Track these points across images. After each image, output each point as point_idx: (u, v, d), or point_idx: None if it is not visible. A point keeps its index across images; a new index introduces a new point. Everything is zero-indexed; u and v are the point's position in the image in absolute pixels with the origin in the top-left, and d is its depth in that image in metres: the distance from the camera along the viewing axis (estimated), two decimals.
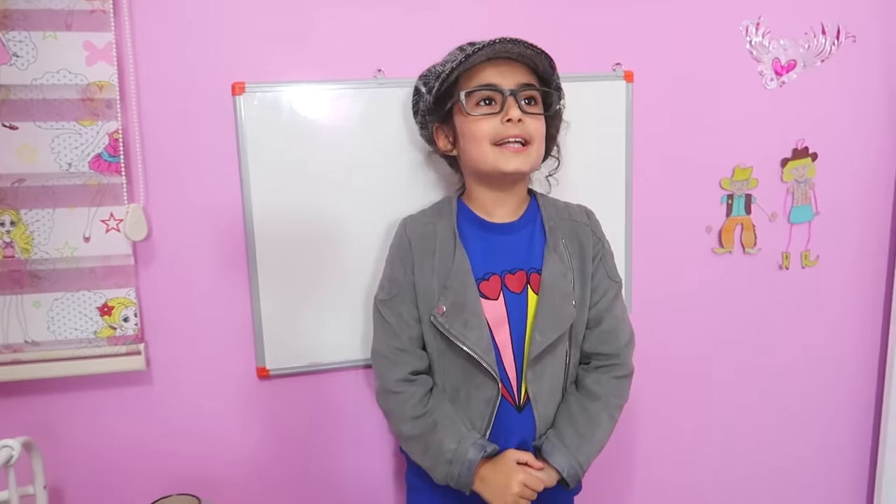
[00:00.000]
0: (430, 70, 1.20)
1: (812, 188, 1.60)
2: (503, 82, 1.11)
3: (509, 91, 1.10)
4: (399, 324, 1.17)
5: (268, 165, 1.30)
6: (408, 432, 1.15)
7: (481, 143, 1.11)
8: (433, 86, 1.16)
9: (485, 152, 1.11)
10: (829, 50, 1.57)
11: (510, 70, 1.12)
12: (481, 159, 1.12)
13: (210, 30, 1.27)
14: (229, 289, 1.34)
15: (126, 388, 1.32)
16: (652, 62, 1.46)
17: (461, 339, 1.11)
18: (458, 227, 1.17)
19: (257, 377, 1.37)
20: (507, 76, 1.11)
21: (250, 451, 1.40)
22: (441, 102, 1.16)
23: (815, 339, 1.68)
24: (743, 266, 1.59)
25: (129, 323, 1.27)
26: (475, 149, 1.12)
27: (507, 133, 1.10)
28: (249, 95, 1.28)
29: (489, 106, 1.12)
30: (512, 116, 1.09)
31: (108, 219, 1.24)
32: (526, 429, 1.16)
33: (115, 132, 1.21)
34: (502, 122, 1.10)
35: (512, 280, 1.16)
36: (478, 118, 1.11)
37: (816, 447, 1.74)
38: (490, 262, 1.16)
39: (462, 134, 1.15)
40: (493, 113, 1.10)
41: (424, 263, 1.16)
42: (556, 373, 1.18)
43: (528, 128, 1.11)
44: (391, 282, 1.20)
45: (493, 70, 1.11)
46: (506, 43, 1.07)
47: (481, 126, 1.11)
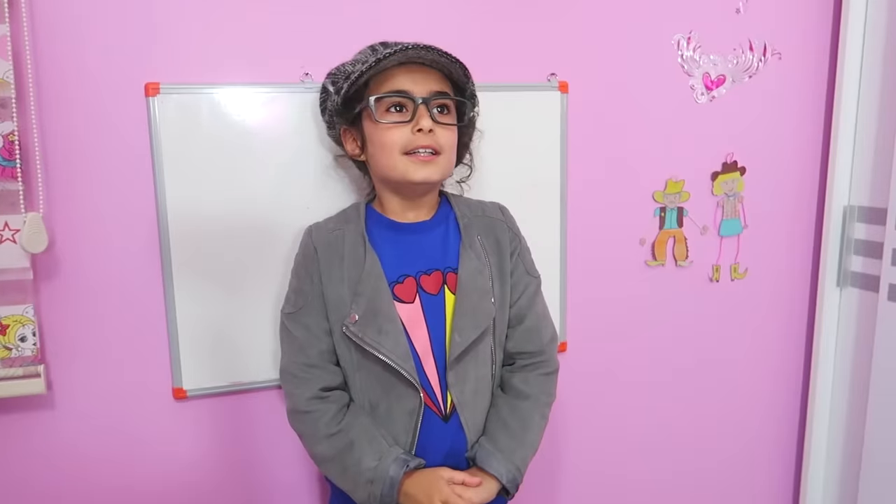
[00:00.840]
0: (339, 69, 1.14)
1: (741, 202, 1.63)
2: (415, 89, 1.06)
3: (421, 99, 1.06)
4: (307, 338, 1.11)
5: (186, 172, 1.21)
6: (322, 453, 1.08)
7: (391, 152, 1.07)
8: (341, 86, 1.10)
9: (394, 161, 1.07)
10: (756, 66, 1.60)
11: (423, 76, 1.07)
12: (390, 168, 1.08)
13: (121, 25, 1.17)
14: (141, 303, 1.24)
15: (24, 414, 1.20)
16: (587, 73, 1.46)
17: (376, 347, 1.05)
18: (368, 231, 1.12)
19: (173, 398, 1.27)
20: (419, 83, 1.07)
21: (166, 479, 1.30)
22: (349, 105, 1.11)
23: (743, 349, 1.72)
24: (675, 278, 1.60)
25: (27, 343, 1.16)
26: (384, 157, 1.08)
27: (418, 143, 1.06)
28: (165, 97, 1.19)
29: (399, 113, 1.07)
30: (423, 126, 1.05)
31: (2, 229, 1.12)
32: (454, 439, 1.11)
33: (9, 134, 1.10)
34: (413, 132, 1.05)
35: (428, 281, 1.11)
36: (387, 126, 1.06)
37: (742, 452, 1.78)
38: (403, 264, 1.11)
39: (371, 140, 1.10)
40: (403, 121, 1.06)
41: (332, 271, 1.10)
42: (482, 376, 1.13)
43: (438, 138, 1.07)
44: (297, 293, 1.13)
45: (406, 75, 1.06)
46: (419, 49, 1.02)
47: (391, 135, 1.06)
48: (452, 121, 1.12)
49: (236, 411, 1.32)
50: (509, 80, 1.39)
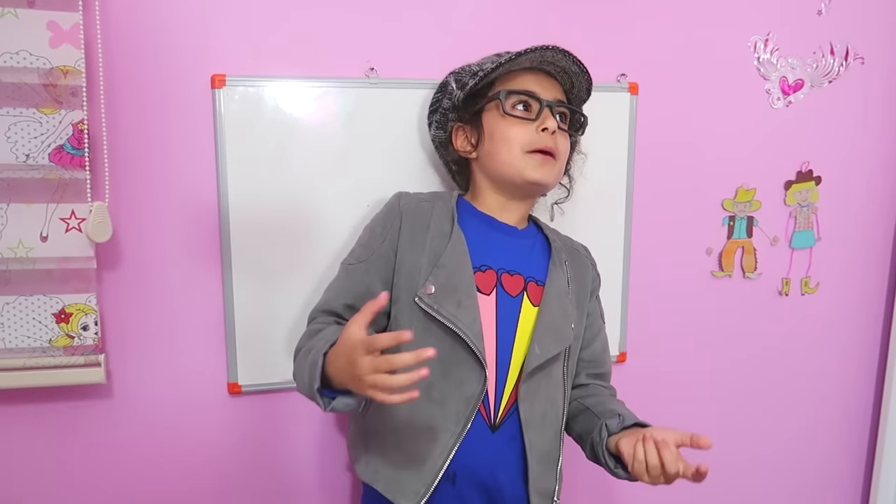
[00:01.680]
0: (464, 68, 1.15)
1: (815, 213, 1.55)
2: (542, 92, 1.07)
3: (547, 102, 1.07)
4: (351, 288, 1.07)
5: (248, 165, 1.20)
6: (297, 347, 1.04)
7: (512, 148, 1.06)
8: (467, 82, 1.10)
9: (514, 157, 1.06)
10: (837, 71, 1.52)
11: (549, 83, 1.09)
12: (508, 163, 1.07)
13: (189, 17, 1.16)
14: (200, 298, 1.23)
15: (83, 402, 1.21)
16: (658, 75, 1.40)
17: (453, 321, 0.99)
18: (459, 216, 1.09)
19: (228, 393, 1.27)
20: (546, 87, 1.08)
21: (217, 474, 1.30)
22: (472, 101, 1.11)
23: (813, 367, 1.64)
24: (742, 290, 1.54)
25: (89, 332, 1.16)
26: (505, 152, 1.07)
27: (540, 143, 1.06)
28: (230, 89, 1.18)
29: (526, 111, 1.07)
30: (548, 126, 1.05)
31: (69, 217, 1.12)
32: (499, 452, 1.03)
33: (80, 122, 1.10)
34: (537, 131, 1.05)
35: (509, 281, 1.07)
36: (514, 121, 1.06)
37: (813, 473, 1.70)
38: (488, 256, 1.07)
39: (491, 135, 1.08)
40: (529, 119, 1.06)
41: (415, 238, 1.06)
42: (551, 398, 1.07)
43: (558, 143, 1.08)
44: (364, 248, 1.10)
45: (532, 79, 1.08)
46: (556, 52, 1.03)
47: (516, 130, 1.06)
48: (567, 129, 1.12)
49: (289, 408, 1.31)
50: None
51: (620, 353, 1.45)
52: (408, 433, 1.02)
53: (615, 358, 1.44)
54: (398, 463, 1.03)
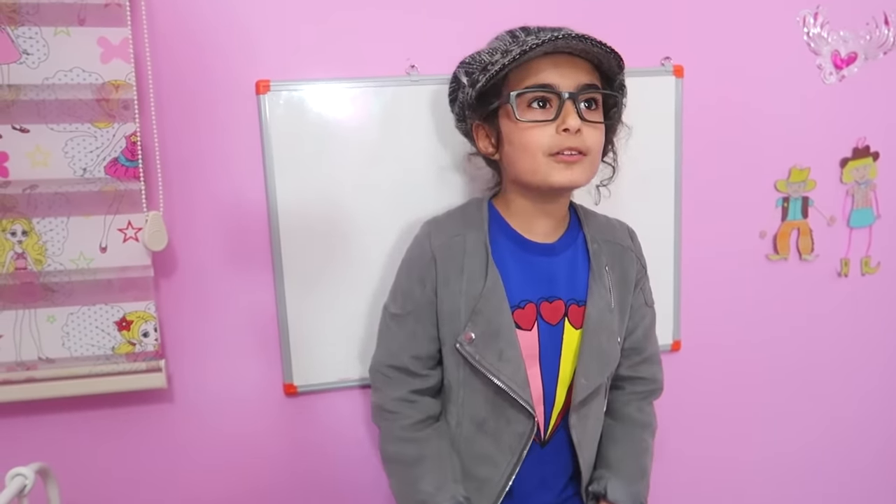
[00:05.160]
0: (475, 58, 1.02)
1: (873, 190, 1.50)
2: (562, 83, 0.94)
3: (568, 94, 0.94)
4: (409, 342, 1.06)
5: (295, 169, 1.22)
6: (390, 453, 1.07)
7: (534, 155, 0.96)
8: (477, 78, 0.99)
9: (537, 164, 0.96)
10: (892, 41, 1.46)
11: (570, 67, 0.95)
12: (531, 171, 0.97)
13: (232, 25, 1.18)
14: (254, 301, 1.25)
15: (146, 407, 1.25)
16: (703, 56, 1.37)
17: (495, 373, 0.99)
18: (491, 239, 1.03)
19: (284, 394, 1.29)
20: (566, 75, 0.94)
21: (276, 473, 1.32)
22: (485, 99, 1.00)
23: (875, 350, 1.58)
24: (799, 273, 1.49)
25: (149, 338, 1.19)
26: (525, 160, 0.97)
27: (564, 144, 0.94)
28: (275, 94, 1.19)
29: (543, 109, 0.96)
30: (570, 126, 0.93)
31: (126, 227, 1.16)
32: (548, 466, 1.08)
33: (132, 135, 1.13)
34: (558, 132, 0.94)
35: (548, 309, 1.03)
36: (529, 126, 0.95)
37: (873, 459, 1.64)
38: (526, 287, 1.03)
39: (509, 140, 0.99)
40: (547, 120, 0.94)
41: (450, 282, 1.02)
42: (599, 413, 1.11)
43: (586, 139, 0.95)
44: (406, 296, 1.06)
45: (551, 66, 0.94)
46: (569, 38, 0.90)
47: (533, 135, 0.95)
48: (600, 117, 1.00)
49: (345, 407, 1.32)
50: None
51: (675, 340, 1.43)
52: (470, 460, 1.07)
53: (669, 346, 1.42)
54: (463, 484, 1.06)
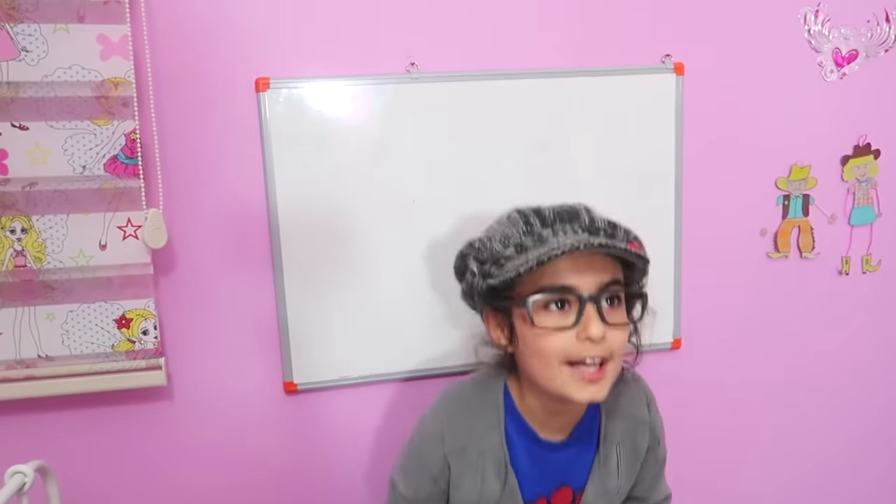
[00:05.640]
0: (485, 246, 0.92)
1: (874, 188, 1.49)
2: (582, 284, 0.85)
3: (589, 296, 0.85)
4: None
5: (294, 166, 1.21)
6: None
7: (549, 363, 0.87)
8: (489, 271, 0.89)
9: (553, 374, 0.87)
10: (893, 39, 1.45)
11: (590, 266, 0.85)
12: (548, 379, 0.88)
13: (231, 22, 1.18)
14: (254, 298, 1.25)
15: (145, 405, 1.24)
16: (704, 54, 1.36)
17: None
18: (507, 440, 0.97)
19: (284, 392, 1.29)
20: (586, 275, 0.85)
21: (276, 471, 1.32)
22: (497, 291, 0.90)
23: (876, 348, 1.57)
24: (800, 271, 1.49)
25: (149, 336, 1.19)
26: (541, 368, 0.88)
27: (585, 353, 0.85)
28: (274, 91, 1.19)
29: (561, 311, 0.86)
30: (593, 335, 0.83)
31: (126, 225, 1.15)
32: None
33: (132, 132, 1.13)
34: (579, 339, 0.85)
35: (558, 497, 1.01)
36: (547, 332, 0.86)
37: (873, 457, 1.64)
38: (539, 484, 0.99)
39: (523, 341, 0.90)
40: (565, 327, 0.85)
41: (464, 482, 0.97)
42: None
43: (610, 344, 0.86)
44: (417, 486, 1.01)
45: (570, 265, 0.85)
46: (591, 245, 0.82)
47: (551, 342, 0.86)
48: (624, 315, 0.91)
49: (345, 405, 1.32)
50: (620, 63, 1.32)
51: (675, 339, 1.42)
52: None
53: (669, 344, 1.42)
54: None
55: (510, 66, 1.28)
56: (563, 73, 1.29)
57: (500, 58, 1.27)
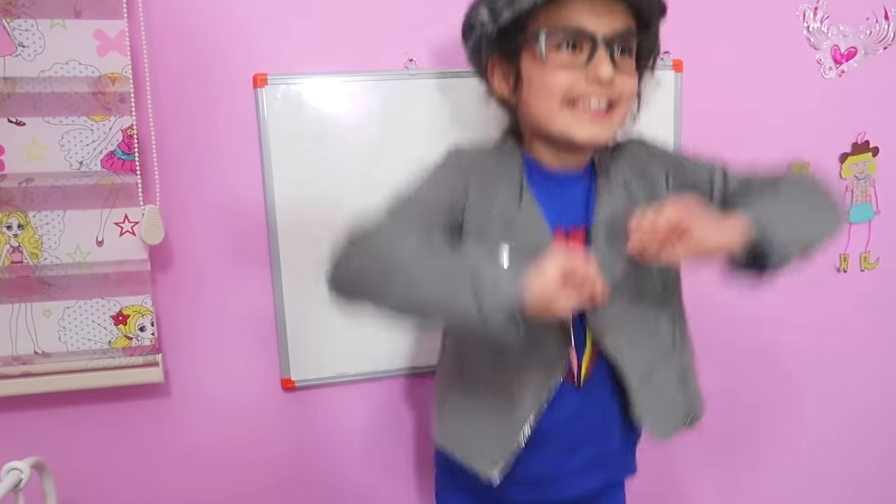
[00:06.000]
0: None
1: (872, 185, 1.49)
2: (597, 26, 0.84)
3: (603, 39, 0.84)
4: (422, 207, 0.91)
5: (292, 163, 1.21)
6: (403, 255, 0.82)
7: (553, 100, 0.86)
8: (500, 12, 0.87)
9: (553, 112, 0.87)
10: (892, 36, 1.45)
11: (607, 9, 0.85)
12: (548, 118, 0.88)
13: (229, 18, 1.18)
14: (251, 295, 1.25)
15: (142, 402, 1.24)
16: (703, 51, 1.36)
17: None
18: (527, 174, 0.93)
19: (282, 389, 1.28)
20: (602, 17, 0.84)
21: (273, 468, 1.32)
22: (506, 34, 0.89)
23: (874, 346, 1.57)
24: (798, 269, 1.48)
25: (146, 332, 1.19)
26: (543, 104, 0.88)
27: (591, 92, 0.85)
28: (272, 88, 1.19)
29: (572, 53, 0.85)
30: (602, 75, 0.83)
31: (123, 221, 1.15)
32: (586, 413, 0.94)
33: (129, 128, 1.12)
34: (587, 80, 0.85)
35: (573, 237, 0.94)
36: (556, 68, 0.85)
37: (872, 455, 1.64)
38: (555, 214, 0.93)
39: (529, 81, 0.89)
40: (575, 65, 0.85)
41: (482, 195, 0.91)
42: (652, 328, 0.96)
43: (618, 88, 0.86)
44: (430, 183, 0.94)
45: (587, 6, 0.84)
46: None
47: (559, 78, 0.85)
48: (633, 65, 0.90)
49: (343, 402, 1.32)
50: None
51: None
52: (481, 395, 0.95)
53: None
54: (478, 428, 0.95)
55: None
56: None
57: None
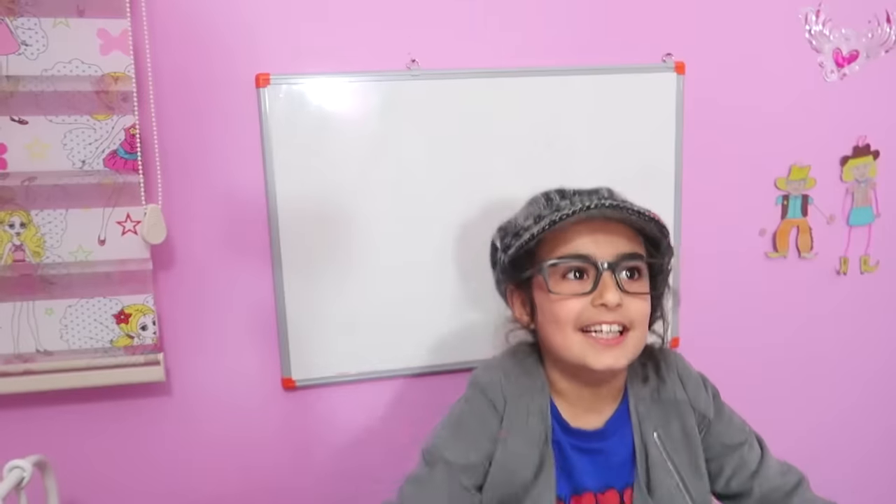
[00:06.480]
0: (510, 222, 0.94)
1: (873, 189, 1.50)
2: (598, 252, 0.85)
3: (606, 264, 0.84)
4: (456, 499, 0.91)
5: (294, 163, 1.21)
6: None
7: (564, 329, 0.86)
8: (509, 243, 0.91)
9: (569, 342, 0.86)
10: (894, 40, 1.45)
11: (608, 235, 0.86)
12: (565, 348, 0.87)
13: (232, 17, 1.18)
14: (252, 294, 1.25)
15: (144, 400, 1.24)
16: (705, 53, 1.36)
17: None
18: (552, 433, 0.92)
19: (283, 388, 1.29)
20: (603, 244, 0.85)
21: (274, 468, 1.32)
22: (518, 265, 0.91)
23: (874, 348, 1.58)
24: (798, 271, 1.49)
25: (147, 331, 1.19)
26: (557, 335, 0.88)
27: (600, 319, 0.85)
28: (275, 87, 1.19)
29: (579, 280, 0.86)
30: (608, 302, 0.83)
31: (125, 220, 1.15)
32: None
33: (131, 127, 1.12)
34: (594, 305, 0.85)
35: (605, 501, 0.94)
36: (562, 298, 0.86)
37: (871, 456, 1.64)
38: (579, 475, 0.93)
39: (541, 310, 0.91)
40: (581, 293, 0.85)
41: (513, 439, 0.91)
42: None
43: (628, 312, 0.85)
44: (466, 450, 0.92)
45: (587, 234, 0.86)
46: (604, 209, 0.83)
47: (566, 307, 0.86)
48: (646, 287, 0.89)
49: (343, 401, 1.32)
50: (620, 62, 1.32)
51: (673, 338, 1.43)
52: None
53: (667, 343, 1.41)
54: None
55: (510, 64, 1.28)
56: (563, 72, 1.29)
57: (500, 55, 1.27)
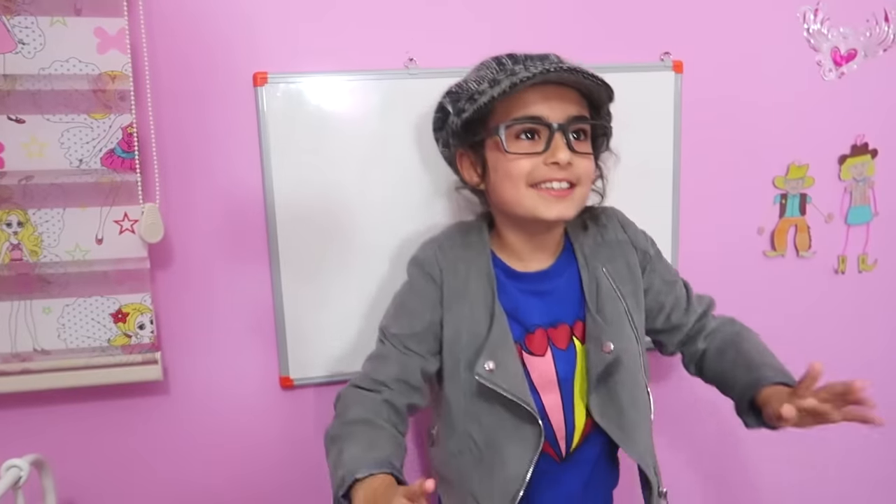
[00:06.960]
0: (461, 87, 1.00)
1: (871, 187, 1.50)
2: (551, 114, 0.93)
3: (558, 125, 0.92)
4: (402, 361, 1.00)
5: (292, 162, 1.21)
6: (334, 432, 0.94)
7: (517, 184, 0.94)
8: (463, 107, 0.97)
9: (521, 195, 0.94)
10: (892, 38, 1.45)
11: (559, 98, 0.93)
12: (517, 202, 0.95)
13: (229, 16, 1.18)
14: (250, 293, 1.25)
15: (141, 399, 1.24)
16: (703, 52, 1.36)
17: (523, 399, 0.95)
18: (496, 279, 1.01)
19: (280, 387, 1.29)
20: (555, 106, 0.93)
21: (271, 466, 1.32)
22: (471, 128, 0.98)
23: (873, 348, 1.58)
24: (796, 270, 1.49)
25: (145, 330, 1.19)
26: (510, 190, 0.95)
27: (552, 176, 0.93)
28: (272, 86, 1.19)
29: (531, 141, 0.94)
30: (559, 160, 0.91)
31: (122, 219, 1.15)
32: (570, 479, 1.03)
33: (129, 126, 1.12)
34: (546, 164, 0.92)
35: (556, 335, 1.02)
36: (517, 157, 0.94)
37: (869, 456, 1.64)
38: (529, 315, 1.01)
39: (494, 169, 0.97)
40: (535, 152, 0.93)
41: (453, 307, 1.00)
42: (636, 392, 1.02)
43: (576, 170, 0.94)
44: (411, 316, 1.02)
45: (540, 97, 0.93)
46: (560, 72, 0.89)
47: (520, 165, 0.93)
48: (589, 147, 0.99)
49: None
50: (619, 61, 1.32)
51: None
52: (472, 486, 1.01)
53: None
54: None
55: None
56: None
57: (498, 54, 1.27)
